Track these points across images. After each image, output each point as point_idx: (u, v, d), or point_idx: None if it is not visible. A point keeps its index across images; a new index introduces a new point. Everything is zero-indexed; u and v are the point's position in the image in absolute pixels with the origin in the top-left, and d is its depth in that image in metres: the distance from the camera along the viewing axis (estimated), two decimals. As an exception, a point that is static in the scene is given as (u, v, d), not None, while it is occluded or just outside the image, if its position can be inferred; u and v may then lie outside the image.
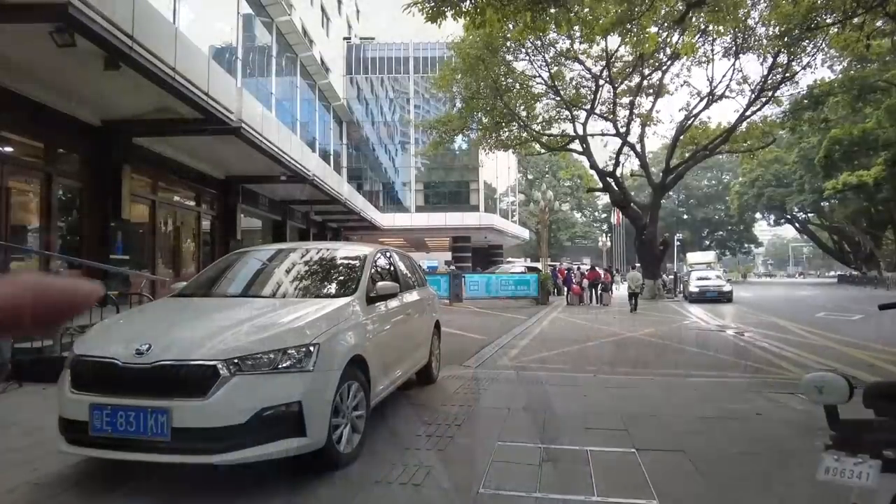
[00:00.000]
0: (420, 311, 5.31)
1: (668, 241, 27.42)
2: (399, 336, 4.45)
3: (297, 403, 2.82)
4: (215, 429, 2.66)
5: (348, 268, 4.18)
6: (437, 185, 42.09)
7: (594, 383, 6.02)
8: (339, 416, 3.18)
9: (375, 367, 3.67)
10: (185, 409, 2.67)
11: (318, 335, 3.07)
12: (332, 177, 21.37)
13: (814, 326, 12.99)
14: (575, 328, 12.56)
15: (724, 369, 7.24)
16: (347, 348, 3.28)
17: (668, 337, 10.80)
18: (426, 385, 5.64)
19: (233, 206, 18.06)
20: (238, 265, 4.29)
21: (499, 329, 11.84)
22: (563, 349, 9.00)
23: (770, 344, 9.86)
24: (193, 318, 3.32)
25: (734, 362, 7.84)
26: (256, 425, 2.71)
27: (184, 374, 2.75)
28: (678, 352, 8.91)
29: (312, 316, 3.27)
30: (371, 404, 3.64)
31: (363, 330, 3.62)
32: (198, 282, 4.17)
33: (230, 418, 2.67)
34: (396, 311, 4.43)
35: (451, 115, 24.94)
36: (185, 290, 4.03)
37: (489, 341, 9.78)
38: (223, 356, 2.77)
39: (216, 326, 3.12)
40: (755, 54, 22.41)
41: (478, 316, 15.61)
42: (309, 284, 3.96)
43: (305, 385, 2.87)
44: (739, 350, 9.11)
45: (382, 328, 4.01)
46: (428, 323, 5.59)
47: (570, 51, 22.89)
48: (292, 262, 4.35)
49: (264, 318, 3.25)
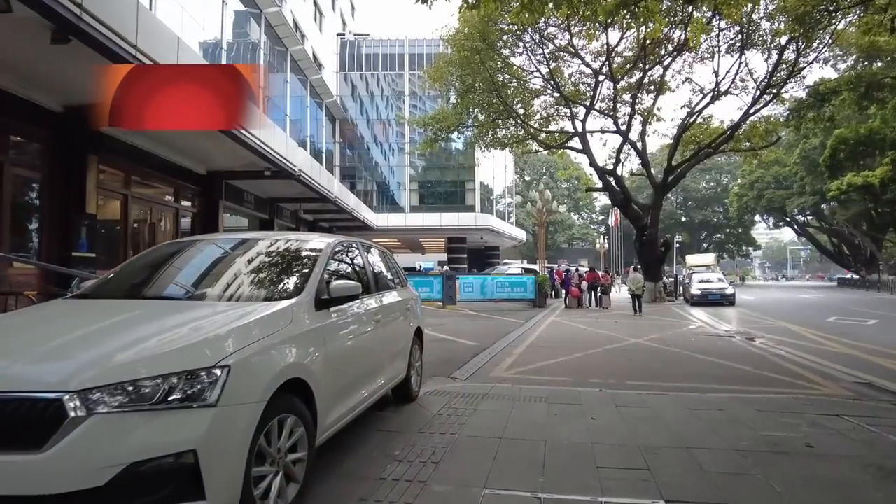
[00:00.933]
0: (397, 316, 4.45)
1: (670, 242, 26.65)
2: (365, 348, 3.59)
3: (190, 453, 1.93)
4: (55, 498, 1.77)
5: (299, 263, 3.30)
6: (433, 184, 41.25)
7: (601, 401, 5.17)
8: (264, 464, 2.30)
9: (325, 392, 2.80)
10: (6, 468, 1.78)
11: (229, 354, 2.18)
12: (322, 173, 20.51)
13: (828, 332, 12.18)
14: (575, 333, 11.71)
15: (745, 383, 6.39)
16: (278, 370, 2.40)
17: (675, 343, 9.96)
18: (404, 404, 4.78)
19: (215, 203, 17.15)
20: (163, 259, 3.41)
21: (493, 334, 10.98)
22: (563, 358, 8.14)
23: (787, 352, 9.04)
24: (60, 329, 2.40)
25: (754, 374, 7.00)
26: (124, 488, 1.83)
27: (8, 412, 1.85)
28: (689, 361, 8.06)
29: (228, 326, 2.39)
30: (318, 441, 2.77)
31: (307, 343, 2.74)
32: (106, 279, 3.29)
33: (82, 480, 1.78)
34: (361, 317, 3.57)
35: (445, 112, 24.10)
36: (87, 289, 3.16)
37: (482, 348, 8.92)
38: (76, 385, 1.88)
39: (82, 341, 2.22)
40: (759, 51, 21.72)
41: (471, 320, 14.75)
42: (242, 284, 3.05)
43: (204, 425, 1.99)
44: (756, 359, 8.27)
45: (338, 340, 3.13)
46: (407, 330, 4.72)
47: (569, 45, 22.13)
48: (231, 255, 3.47)
49: (160, 328, 2.35)
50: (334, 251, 3.55)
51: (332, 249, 3.52)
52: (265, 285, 3.04)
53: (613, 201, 25.34)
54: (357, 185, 39.44)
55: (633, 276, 18.87)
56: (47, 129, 9.83)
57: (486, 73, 19.90)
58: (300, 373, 2.57)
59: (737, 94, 22.56)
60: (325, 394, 2.81)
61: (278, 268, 3.27)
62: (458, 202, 39.48)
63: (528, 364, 7.52)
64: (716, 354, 8.62)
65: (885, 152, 23.98)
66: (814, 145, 38.48)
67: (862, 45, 21.24)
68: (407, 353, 4.63)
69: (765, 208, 48.54)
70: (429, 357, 7.87)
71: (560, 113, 24.57)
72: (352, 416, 3.39)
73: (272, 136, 15.16)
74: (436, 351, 8.61)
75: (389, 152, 41.24)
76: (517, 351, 8.78)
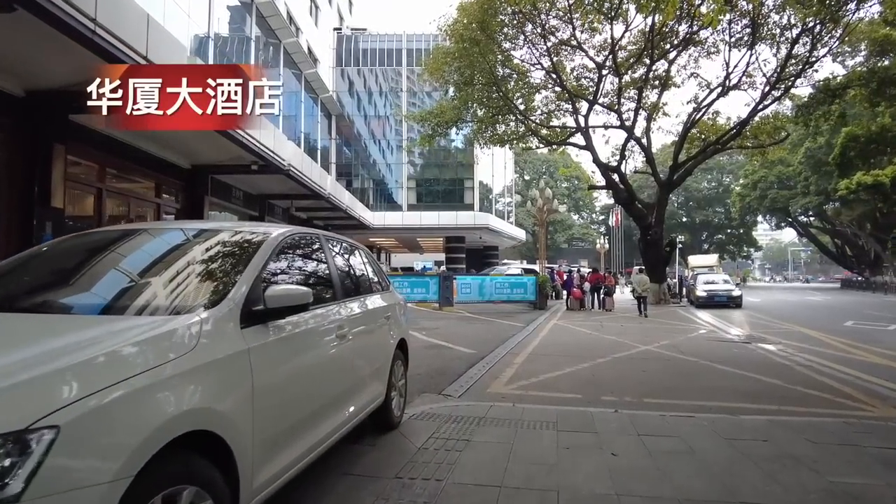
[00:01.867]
0: (373, 327, 3.62)
1: (675, 242, 25.85)
2: (324, 373, 2.77)
3: None
4: None
5: (228, 262, 2.46)
6: (431, 182, 40.40)
7: (619, 426, 4.35)
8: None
9: (254, 441, 1.98)
10: None
11: (62, 405, 1.35)
12: (313, 169, 19.65)
13: (851, 338, 11.38)
14: (579, 339, 10.89)
15: (779, 400, 5.58)
16: (163, 421, 1.56)
17: (689, 351, 9.15)
18: (384, 433, 3.96)
19: (200, 199, 16.32)
20: (50, 255, 2.57)
21: (492, 340, 10.16)
22: (570, 368, 7.31)
23: (813, 361, 8.23)
24: None
25: (786, 389, 6.19)
26: None
27: None
28: (709, 373, 7.24)
29: (80, 356, 1.53)
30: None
31: (223, 376, 1.91)
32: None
33: None
34: (318, 332, 2.75)
35: (443, 106, 23.26)
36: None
37: (479, 357, 8.09)
38: None
39: None
40: (768, 44, 20.94)
41: (469, 323, 13.93)
42: (142, 291, 2.20)
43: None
44: (782, 371, 7.46)
45: (279, 366, 2.30)
46: (386, 344, 3.89)
47: (571, 38, 21.32)
48: (149, 249, 2.63)
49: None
50: (280, 246, 2.70)
51: (277, 244, 2.66)
52: (172, 293, 2.19)
53: (617, 199, 24.52)
54: (354, 183, 38.57)
55: (637, 278, 18.28)
56: (7, 115, 9.02)
57: (485, 65, 19.06)
58: (207, 422, 1.74)
59: (745, 90, 21.79)
60: (254, 445, 1.99)
61: (202, 267, 2.42)
62: (456, 201, 38.62)
63: (530, 376, 6.69)
64: (736, 364, 7.81)
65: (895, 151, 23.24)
66: (819, 144, 37.75)
67: (877, 38, 20.46)
68: (386, 372, 3.80)
69: (768, 208, 47.80)
70: (419, 368, 7.05)
71: (562, 109, 23.78)
72: (307, 460, 2.56)
73: (258, 128, 14.34)
74: (428, 360, 7.79)
75: (387, 149, 40.40)
76: (518, 360, 7.95)
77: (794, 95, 22.69)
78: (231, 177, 18.67)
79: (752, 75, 21.54)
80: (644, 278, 18.00)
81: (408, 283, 17.43)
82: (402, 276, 17.91)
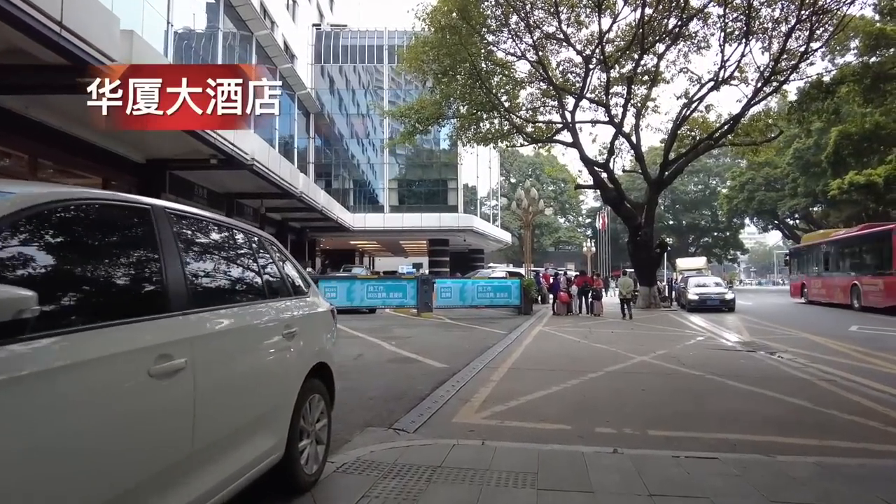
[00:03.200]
0: (258, 350, 2.43)
1: (665, 244, 24.92)
2: (117, 433, 1.57)
3: None
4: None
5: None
6: (414, 183, 39.19)
7: (622, 478, 3.19)
8: None
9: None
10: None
11: None
12: (282, 164, 18.34)
13: (861, 345, 10.38)
14: (567, 349, 9.75)
15: (818, 431, 4.46)
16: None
17: (691, 362, 8.04)
18: (291, 498, 2.75)
19: (156, 197, 14.97)
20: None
21: (469, 350, 8.98)
22: (556, 388, 6.14)
23: (833, 373, 7.17)
24: None
25: (819, 414, 5.07)
26: None
27: None
28: (722, 392, 6.11)
29: None
30: None
31: None
32: None
33: None
34: (90, 369, 1.53)
35: (423, 101, 22.10)
36: None
37: (451, 372, 6.90)
38: None
39: None
40: (759, 39, 20.13)
41: (446, 330, 12.74)
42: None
43: None
44: (803, 386, 6.37)
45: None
46: (284, 376, 2.65)
47: (557, 32, 20.31)
48: None
49: None
50: (23, 218, 1.51)
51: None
52: None
53: (605, 199, 23.49)
54: (334, 184, 37.25)
55: (623, 280, 18.51)
56: None
57: (466, 55, 17.91)
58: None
59: (737, 85, 20.97)
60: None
61: None
62: (439, 202, 37.46)
63: (508, 398, 5.51)
64: (749, 379, 6.70)
65: (890, 148, 22.49)
66: (808, 145, 37.23)
67: (871, 32, 19.76)
68: (287, 415, 2.58)
69: (755, 210, 47.29)
70: (373, 389, 5.81)
71: (547, 105, 22.76)
72: None
73: (216, 117, 13.04)
74: (387, 378, 6.58)
75: (369, 149, 39.12)
76: (495, 376, 6.76)
77: (786, 92, 21.98)
78: (193, 173, 17.36)
79: (744, 70, 20.77)
80: (629, 281, 18.07)
81: (383, 287, 16.18)
82: (377, 280, 16.62)
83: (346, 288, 15.58)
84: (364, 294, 15.77)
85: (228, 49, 22.77)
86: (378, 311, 17.16)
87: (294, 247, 31.51)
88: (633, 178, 56.98)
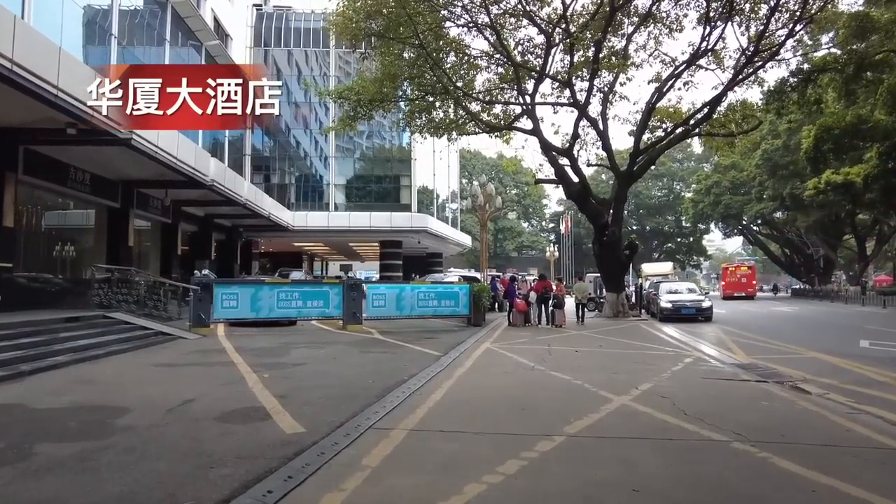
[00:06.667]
0: None
1: (636, 245, 22.60)
2: None
3: None
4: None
5: None
6: (363, 179, 35.99)
7: None
8: None
9: None
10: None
11: None
12: (180, 143, 14.93)
13: (893, 368, 8.02)
14: (515, 382, 6.93)
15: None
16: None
17: (695, 410, 5.26)
18: None
19: None
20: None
21: (366, 390, 6.04)
22: (484, 475, 3.26)
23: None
24: None
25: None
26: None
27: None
28: (776, 486, 3.38)
29: None
30: None
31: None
32: None
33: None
34: None
35: (364, 80, 19.12)
36: None
37: (302, 445, 3.93)
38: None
39: None
40: (737, 23, 18.06)
41: (362, 352, 9.76)
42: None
43: None
44: (883, 459, 3.73)
45: None
46: None
47: (518, 5, 17.72)
48: None
49: None
50: None
51: None
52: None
53: (568, 194, 20.92)
54: (272, 178, 33.78)
55: (579, 286, 18.48)
56: None
57: (406, 19, 15.01)
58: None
59: (713, 70, 18.85)
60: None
61: None
62: (391, 201, 34.40)
63: (397, 497, 2.60)
64: (804, 452, 3.98)
65: (873, 144, 20.84)
66: (776, 147, 35.99)
67: (857, 15, 17.98)
68: None
69: (721, 215, 46.11)
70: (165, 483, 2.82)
71: (506, 92, 20.12)
72: None
73: (54, 64, 9.74)
74: (165, 468, 3.51)
75: (314, 142, 35.75)
76: (370, 459, 3.79)
77: (764, 80, 20.04)
78: (67, 152, 13.91)
79: (720, 55, 18.66)
80: (585, 286, 18.31)
81: (299, 294, 13.03)
82: (292, 286, 13.43)
83: (249, 295, 12.39)
84: (274, 303, 12.61)
85: (131, 16, 19.23)
86: (301, 322, 14.01)
87: (222, 247, 27.88)
88: (599, 179, 55.46)
